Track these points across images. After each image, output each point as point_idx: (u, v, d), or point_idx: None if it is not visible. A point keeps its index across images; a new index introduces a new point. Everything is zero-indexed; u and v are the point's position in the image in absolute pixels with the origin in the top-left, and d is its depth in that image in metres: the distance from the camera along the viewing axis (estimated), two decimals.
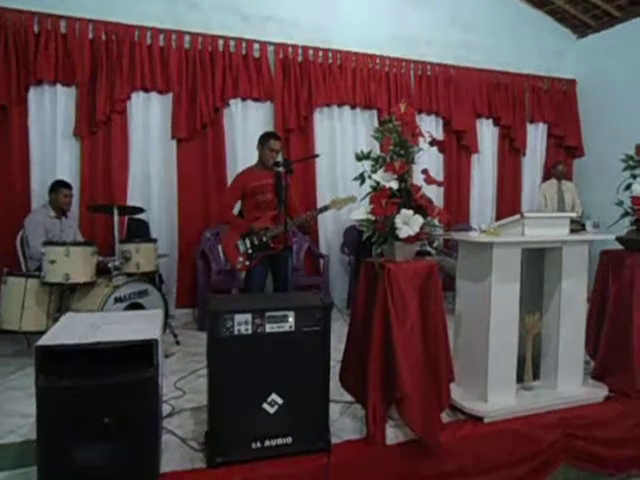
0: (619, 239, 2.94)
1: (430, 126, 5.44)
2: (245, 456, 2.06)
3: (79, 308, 3.24)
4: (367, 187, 2.33)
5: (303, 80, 4.85)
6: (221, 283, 4.39)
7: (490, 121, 5.73)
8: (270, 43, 4.77)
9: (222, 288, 4.26)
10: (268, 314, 2.07)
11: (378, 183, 2.22)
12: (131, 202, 4.35)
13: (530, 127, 5.92)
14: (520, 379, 2.72)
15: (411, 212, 2.22)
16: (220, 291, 4.08)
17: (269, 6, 4.79)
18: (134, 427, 1.83)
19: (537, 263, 2.81)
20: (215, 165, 4.66)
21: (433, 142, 2.34)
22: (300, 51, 4.86)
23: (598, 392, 2.76)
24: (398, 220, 2.20)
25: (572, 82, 6.10)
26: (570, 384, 2.72)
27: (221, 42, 4.59)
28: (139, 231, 4.27)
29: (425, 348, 2.20)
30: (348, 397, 2.49)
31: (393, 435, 2.27)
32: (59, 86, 4.14)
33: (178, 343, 3.77)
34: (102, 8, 4.22)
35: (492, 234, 2.57)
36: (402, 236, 2.20)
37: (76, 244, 3.28)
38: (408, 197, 2.26)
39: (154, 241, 3.74)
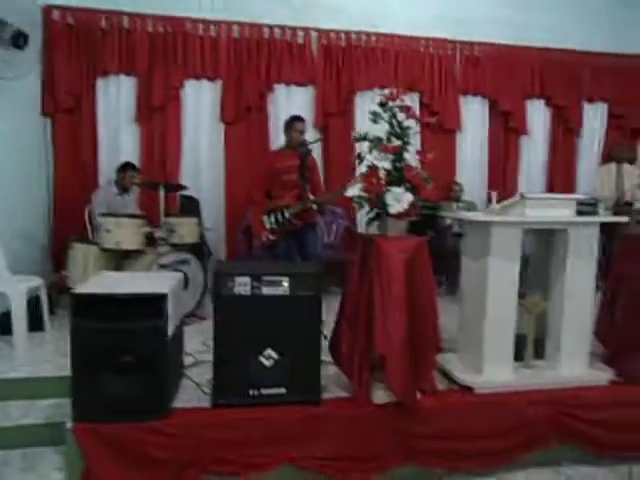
0: None
1: (476, 108, 5.40)
2: (243, 401, 2.37)
3: (131, 272, 3.72)
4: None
5: (345, 64, 5.01)
6: (262, 257, 4.73)
7: (542, 101, 5.53)
8: (314, 29, 4.96)
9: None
10: (265, 278, 2.34)
11: (372, 163, 2.38)
12: (183, 180, 4.81)
13: (588, 107, 5.63)
14: (522, 357, 2.79)
15: (402, 190, 2.37)
16: None
17: None
18: (147, 366, 2.19)
19: (547, 245, 2.82)
20: (259, 146, 4.97)
21: (427, 124, 2.45)
22: (343, 36, 5.00)
23: (602, 375, 2.76)
24: (389, 197, 2.36)
25: None
26: (573, 366, 2.74)
27: (267, 30, 4.86)
28: (190, 207, 4.72)
29: (409, 318, 2.35)
30: None
31: (380, 396, 2.46)
32: (122, 76, 4.64)
33: None
34: (160, 3, 4.64)
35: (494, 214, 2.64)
36: (392, 212, 2.36)
37: (126, 216, 3.74)
38: (400, 176, 2.40)
39: (195, 216, 4.14)
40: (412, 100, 5.21)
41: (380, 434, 2.40)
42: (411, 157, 2.47)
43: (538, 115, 5.55)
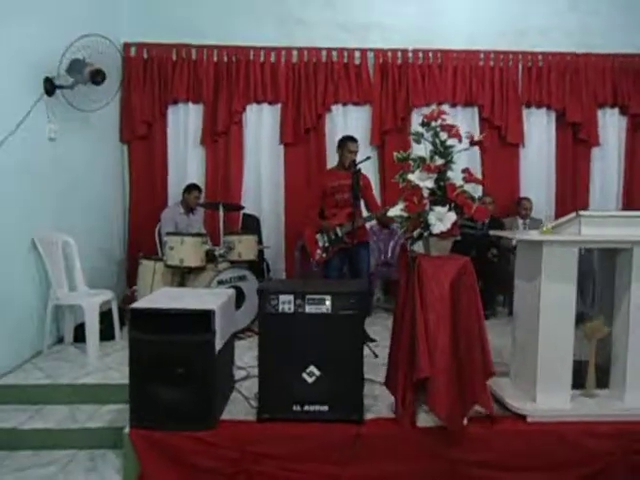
0: None
1: (541, 120, 5.18)
2: (287, 416, 2.43)
3: (192, 287, 3.94)
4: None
5: (401, 82, 5.03)
6: (316, 275, 4.81)
7: (616, 110, 5.18)
8: (370, 50, 5.04)
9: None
10: (308, 297, 2.40)
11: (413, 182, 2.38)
12: (245, 200, 5.05)
13: None
14: (583, 385, 2.62)
15: (445, 209, 2.34)
16: None
17: (370, 14, 5.05)
18: (195, 378, 2.32)
19: (613, 264, 2.64)
20: (318, 167, 5.09)
21: (472, 142, 2.41)
22: (399, 54, 5.03)
23: None
24: (432, 217, 2.34)
25: None
26: None
27: (324, 53, 5.01)
28: (251, 226, 4.93)
29: (454, 340, 2.30)
30: None
31: (425, 419, 2.41)
32: (190, 104, 4.99)
33: None
34: (225, 34, 4.94)
35: (547, 233, 2.53)
36: (435, 232, 2.34)
37: (189, 234, 3.98)
38: (444, 195, 2.37)
39: (256, 234, 4.31)
40: (472, 115, 5.16)
41: (423, 458, 2.35)
42: (455, 176, 2.45)
43: (612, 125, 5.21)
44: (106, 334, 3.70)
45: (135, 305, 2.40)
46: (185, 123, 5.01)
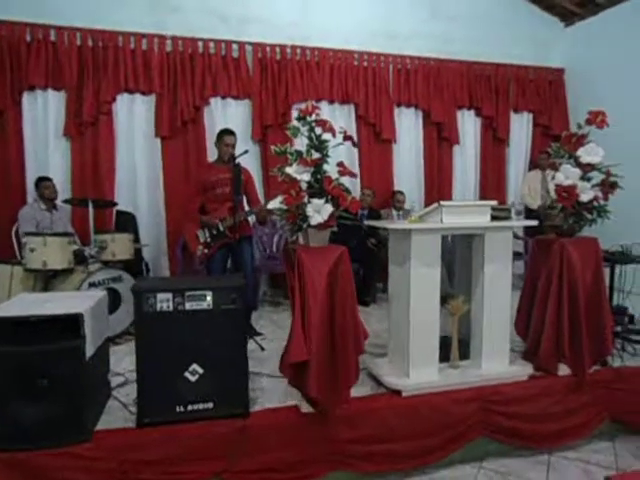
0: (551, 226, 3.06)
1: (410, 119, 5.59)
2: (170, 418, 2.33)
3: (59, 291, 3.59)
4: None
5: (280, 78, 5.08)
6: (202, 270, 4.67)
7: (472, 112, 5.80)
8: (248, 43, 5.01)
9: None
10: (188, 293, 2.33)
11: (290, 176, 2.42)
12: (119, 196, 4.72)
13: (515, 117, 5.96)
14: (448, 358, 2.90)
15: (322, 201, 2.42)
16: None
17: (248, 7, 5.02)
18: (64, 389, 2.13)
19: (470, 249, 2.96)
20: (197, 160, 4.94)
21: (345, 137, 2.53)
22: (278, 50, 5.08)
23: (523, 371, 2.90)
24: (309, 209, 2.41)
25: (559, 71, 6.08)
26: (495, 363, 2.87)
27: (201, 44, 4.86)
28: (125, 223, 4.62)
29: (330, 326, 2.40)
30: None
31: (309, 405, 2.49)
32: (50, 90, 4.52)
33: None
34: (89, 17, 4.56)
35: (413, 222, 2.75)
36: (313, 223, 2.41)
37: (53, 234, 3.62)
38: (320, 188, 2.46)
39: (131, 232, 4.06)
40: (348, 112, 5.40)
41: (307, 442, 2.42)
42: (331, 169, 2.54)
43: (469, 125, 5.82)
44: None
45: None
46: (45, 112, 4.53)
